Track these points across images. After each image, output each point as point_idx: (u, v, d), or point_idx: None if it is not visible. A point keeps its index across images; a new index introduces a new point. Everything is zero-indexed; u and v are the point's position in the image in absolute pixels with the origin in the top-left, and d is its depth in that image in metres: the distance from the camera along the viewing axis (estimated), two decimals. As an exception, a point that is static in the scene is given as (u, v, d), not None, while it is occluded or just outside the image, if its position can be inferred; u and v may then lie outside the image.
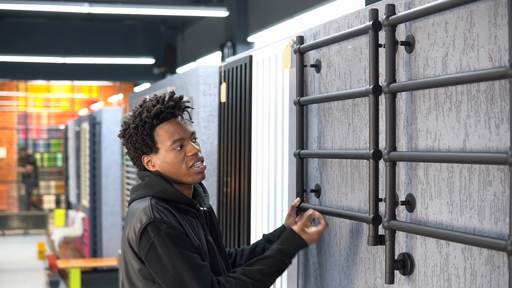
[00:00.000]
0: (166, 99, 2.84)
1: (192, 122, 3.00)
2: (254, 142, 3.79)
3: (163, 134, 2.81)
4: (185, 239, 2.67)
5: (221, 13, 13.40)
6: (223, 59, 14.08)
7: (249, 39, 13.53)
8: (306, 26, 3.26)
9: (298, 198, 3.21)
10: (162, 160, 2.83)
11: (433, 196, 2.38)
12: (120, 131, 2.92)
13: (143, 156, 2.86)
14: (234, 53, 13.43)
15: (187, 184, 2.87)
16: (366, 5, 8.66)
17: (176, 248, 2.63)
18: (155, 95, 2.94)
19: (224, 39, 14.27)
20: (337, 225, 3.05)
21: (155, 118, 2.81)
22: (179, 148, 2.81)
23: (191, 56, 17.56)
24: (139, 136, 2.82)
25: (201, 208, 2.90)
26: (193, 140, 2.86)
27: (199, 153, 2.84)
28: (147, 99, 2.91)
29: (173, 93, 2.90)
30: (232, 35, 13.81)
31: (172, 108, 2.82)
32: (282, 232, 3.18)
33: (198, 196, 2.95)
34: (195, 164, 2.83)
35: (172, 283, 2.63)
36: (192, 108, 3.00)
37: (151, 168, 2.87)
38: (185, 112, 2.92)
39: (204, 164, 2.85)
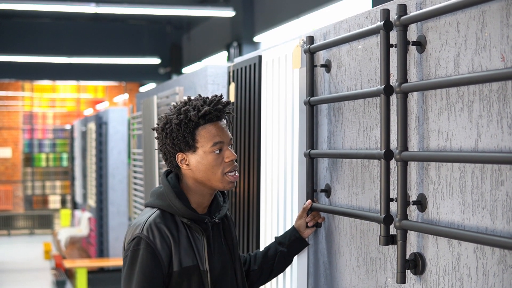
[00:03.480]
0: (215, 101, 2.84)
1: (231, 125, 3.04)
2: (264, 142, 3.80)
3: (205, 134, 2.81)
4: (153, 269, 2.73)
5: (227, 13, 13.40)
6: (229, 59, 14.09)
7: (255, 39, 13.54)
8: (312, 26, 3.29)
9: (309, 201, 3.22)
10: (198, 160, 2.82)
11: (445, 196, 2.39)
12: (158, 124, 2.91)
13: (178, 153, 2.84)
14: (240, 53, 13.43)
15: (212, 191, 2.88)
16: (373, 5, 8.66)
17: (138, 271, 2.73)
18: (199, 94, 2.94)
19: (230, 39, 14.28)
20: (348, 225, 3.06)
21: (202, 118, 2.80)
22: (218, 151, 2.81)
23: (197, 56, 17.57)
24: (180, 132, 2.81)
25: (214, 220, 2.90)
26: (231, 146, 2.87)
27: (235, 160, 2.86)
28: (192, 98, 2.91)
29: (221, 96, 2.89)
30: (238, 35, 13.81)
31: (219, 112, 2.82)
32: (292, 234, 3.21)
33: (215, 206, 2.94)
34: (231, 172, 2.83)
35: None
36: (234, 115, 3.01)
37: (184, 167, 2.85)
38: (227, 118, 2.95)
39: (237, 174, 2.87)
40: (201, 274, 2.79)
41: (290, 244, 3.21)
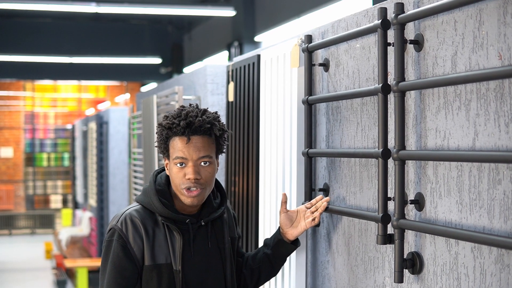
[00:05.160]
0: (188, 116, 2.80)
1: (226, 142, 2.93)
2: (262, 141, 3.79)
3: (173, 146, 2.84)
4: (124, 261, 2.80)
5: (228, 12, 13.39)
6: (230, 58, 14.08)
7: (256, 38, 13.53)
8: (313, 25, 3.27)
9: (284, 193, 3.15)
10: (169, 169, 2.88)
11: (442, 195, 2.38)
12: None
13: (164, 157, 2.92)
14: (241, 53, 13.42)
15: None
16: (373, 4, 8.64)
17: (110, 262, 2.81)
18: (190, 104, 2.93)
19: (231, 38, 14.27)
20: (346, 224, 3.05)
21: (168, 130, 2.83)
22: (179, 165, 2.81)
23: (198, 56, 17.56)
24: (158, 138, 2.89)
25: (200, 222, 2.90)
26: (203, 163, 2.81)
27: (197, 180, 2.79)
28: (185, 107, 2.88)
29: (202, 112, 2.85)
30: (239, 34, 13.80)
31: (184, 127, 2.79)
32: (276, 235, 3.14)
33: (206, 209, 2.93)
34: (188, 188, 2.81)
35: (100, 279, 2.87)
36: (226, 131, 2.90)
37: (167, 171, 2.91)
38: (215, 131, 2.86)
39: (198, 190, 2.81)
40: (173, 274, 2.82)
41: (274, 246, 3.13)
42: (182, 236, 2.84)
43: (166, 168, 2.92)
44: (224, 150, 2.96)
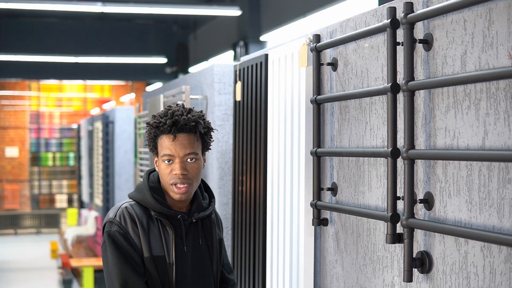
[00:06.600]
0: (173, 114, 2.89)
1: (212, 140, 2.99)
2: (270, 140, 3.79)
3: (160, 144, 2.92)
4: (125, 247, 2.85)
5: (234, 12, 13.38)
6: (235, 58, 14.08)
7: (262, 38, 13.51)
8: (318, 25, 3.27)
9: None
10: (158, 165, 2.95)
11: (451, 194, 2.38)
12: None
13: (153, 154, 2.99)
14: (246, 52, 13.41)
15: None
16: (379, 4, 8.63)
17: (114, 250, 2.85)
18: (176, 104, 3.01)
19: (236, 38, 14.26)
20: (354, 224, 3.05)
21: (156, 128, 2.91)
22: (167, 162, 2.89)
23: (203, 56, 17.56)
24: (147, 137, 2.96)
25: (191, 219, 2.96)
26: (190, 159, 2.89)
27: (184, 175, 2.87)
28: (171, 107, 2.96)
29: (188, 111, 2.93)
30: (245, 34, 13.79)
31: (170, 126, 2.87)
32: None
33: (195, 206, 3.00)
34: (175, 184, 2.88)
35: (106, 276, 2.88)
36: (211, 129, 2.97)
37: (156, 168, 2.99)
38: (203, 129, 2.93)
39: (185, 185, 2.88)
40: (167, 266, 2.89)
41: None
42: (175, 231, 2.92)
43: (155, 166, 2.99)
44: (210, 147, 3.03)
